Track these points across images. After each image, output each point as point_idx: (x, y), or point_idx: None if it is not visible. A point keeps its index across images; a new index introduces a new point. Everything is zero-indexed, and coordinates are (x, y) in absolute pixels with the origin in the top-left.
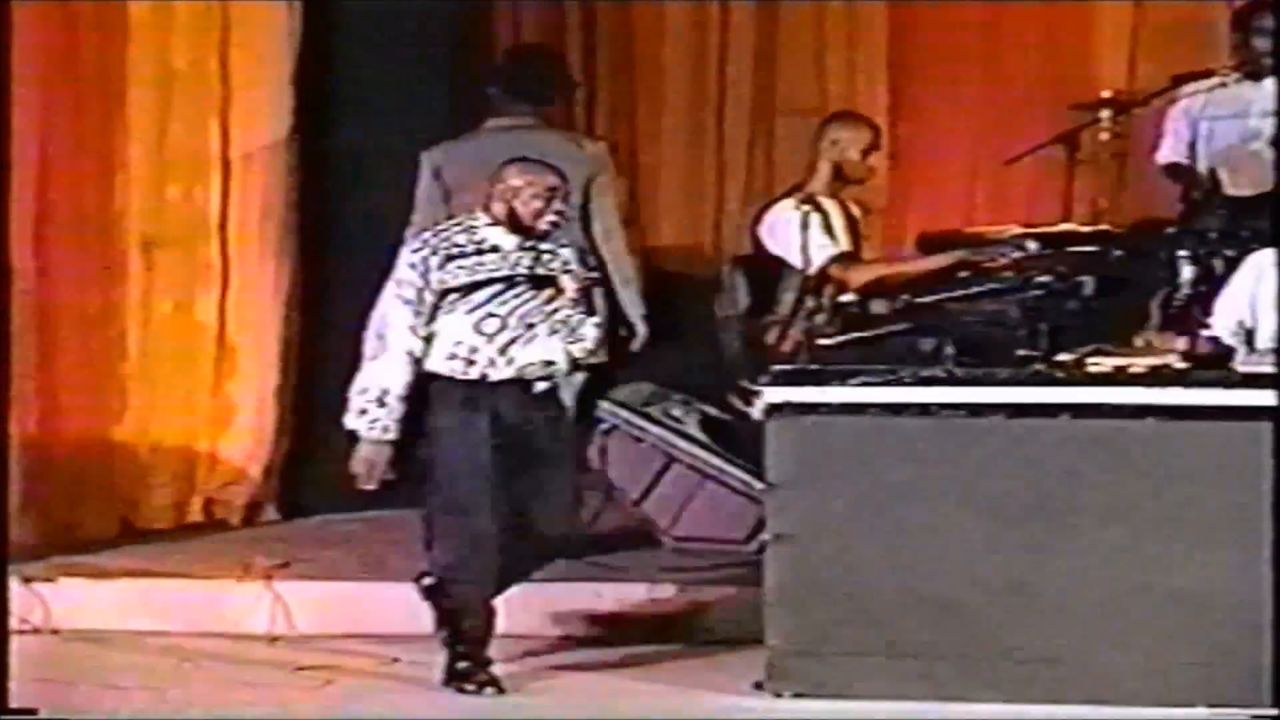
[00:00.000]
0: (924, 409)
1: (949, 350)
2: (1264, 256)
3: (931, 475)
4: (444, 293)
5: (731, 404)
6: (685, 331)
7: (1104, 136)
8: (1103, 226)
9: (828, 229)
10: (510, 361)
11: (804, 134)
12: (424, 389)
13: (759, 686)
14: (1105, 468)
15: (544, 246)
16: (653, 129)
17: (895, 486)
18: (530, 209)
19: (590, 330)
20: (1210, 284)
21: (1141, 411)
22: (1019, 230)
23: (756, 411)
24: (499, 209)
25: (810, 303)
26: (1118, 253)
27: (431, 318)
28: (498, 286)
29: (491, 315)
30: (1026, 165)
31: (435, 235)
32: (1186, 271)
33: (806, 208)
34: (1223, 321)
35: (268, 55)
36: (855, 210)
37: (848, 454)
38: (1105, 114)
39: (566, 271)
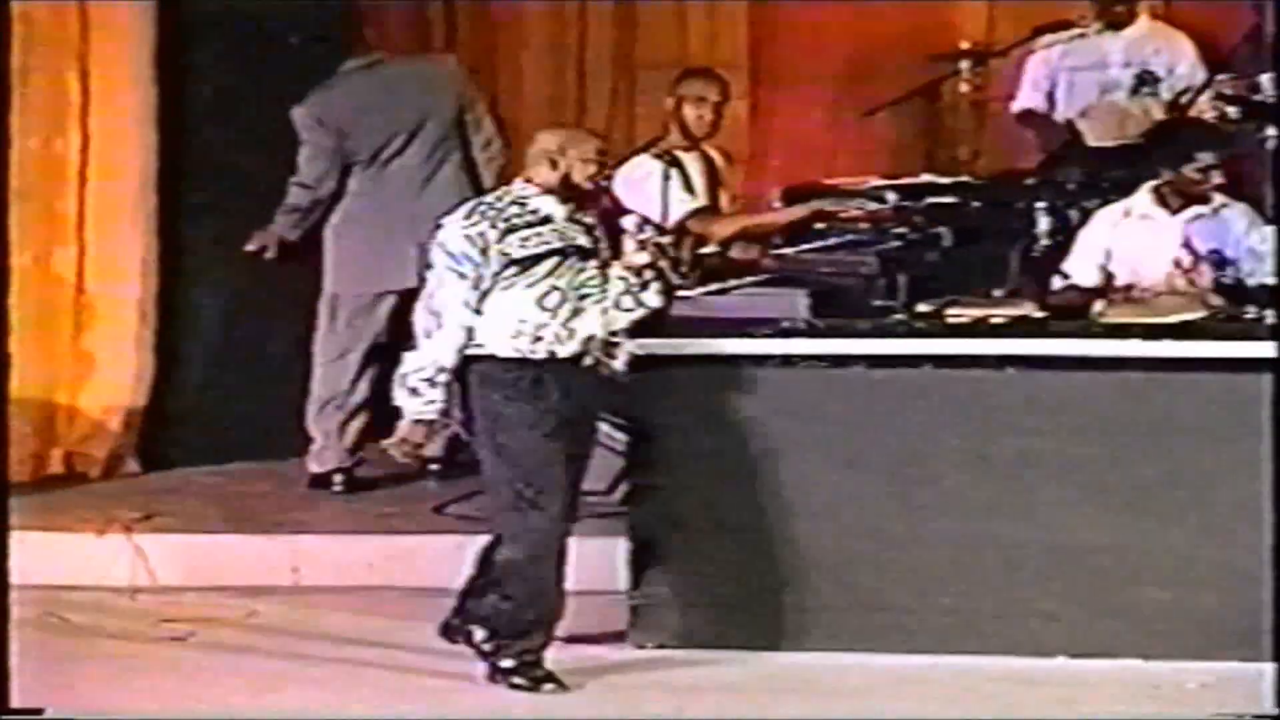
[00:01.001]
0: (785, 360)
1: (807, 301)
2: (1121, 206)
3: (794, 426)
4: (503, 267)
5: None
6: None
7: (963, 88)
8: (962, 178)
9: (686, 183)
10: (572, 335)
11: (666, 88)
12: (473, 370)
13: (621, 637)
14: (966, 418)
15: (587, 218)
16: (513, 84)
17: (757, 437)
18: (585, 174)
19: (653, 297)
20: (1068, 234)
21: (1001, 361)
22: (878, 182)
23: (618, 363)
24: (548, 176)
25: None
26: (976, 204)
27: (486, 294)
28: (555, 259)
29: (554, 289)
30: (886, 117)
31: (490, 207)
32: (1044, 222)
33: (664, 163)
34: (1080, 270)
35: (129, 6)
36: (717, 159)
37: (709, 405)
38: (964, 65)
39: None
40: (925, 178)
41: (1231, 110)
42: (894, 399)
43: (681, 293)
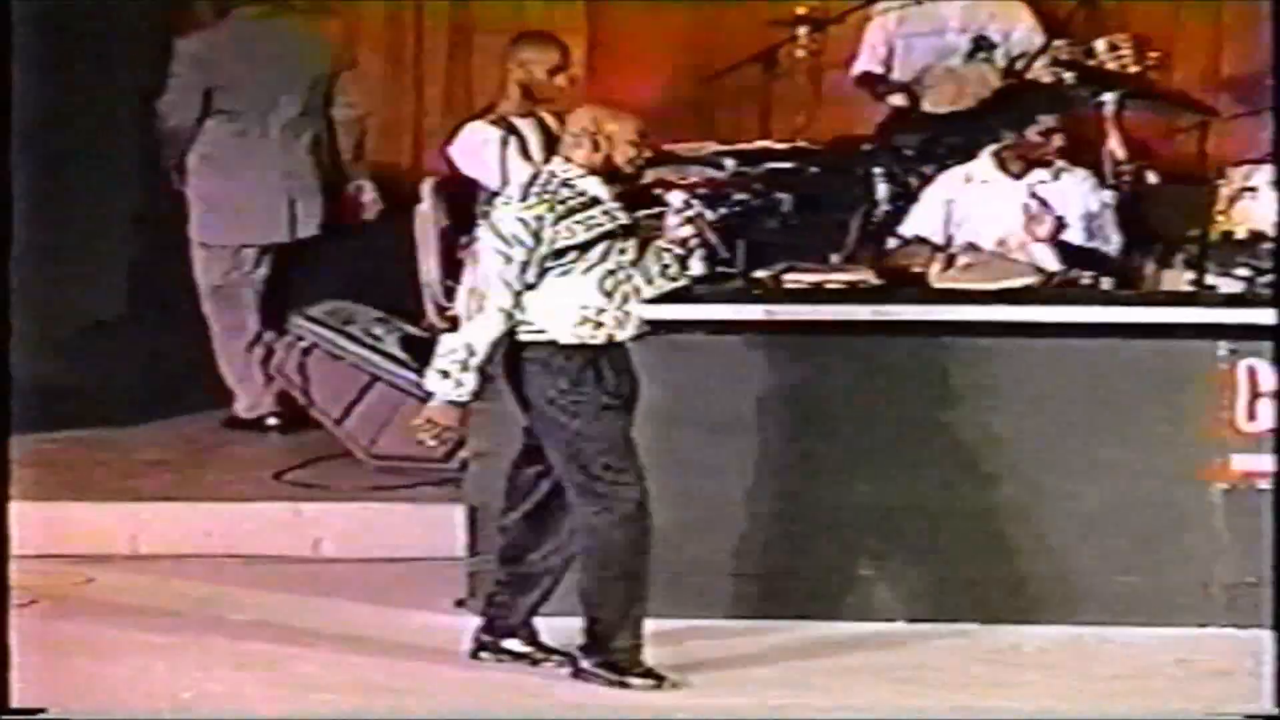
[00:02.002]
0: None
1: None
2: (962, 171)
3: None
4: (559, 252)
5: (431, 323)
6: (386, 252)
7: (800, 54)
8: (800, 144)
9: (524, 151)
10: (628, 317)
11: (503, 53)
12: (533, 359)
13: (460, 604)
14: (800, 382)
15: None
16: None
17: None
18: (626, 156)
19: (697, 265)
20: (907, 200)
21: (839, 327)
22: (716, 148)
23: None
24: (591, 157)
25: None
26: (814, 170)
27: (539, 279)
28: (607, 242)
29: (609, 272)
30: (724, 83)
31: (544, 189)
32: (883, 188)
33: (501, 129)
34: (919, 233)
35: None
36: (554, 126)
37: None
38: (802, 31)
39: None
40: (763, 144)
41: (1067, 75)
42: (730, 363)
43: None
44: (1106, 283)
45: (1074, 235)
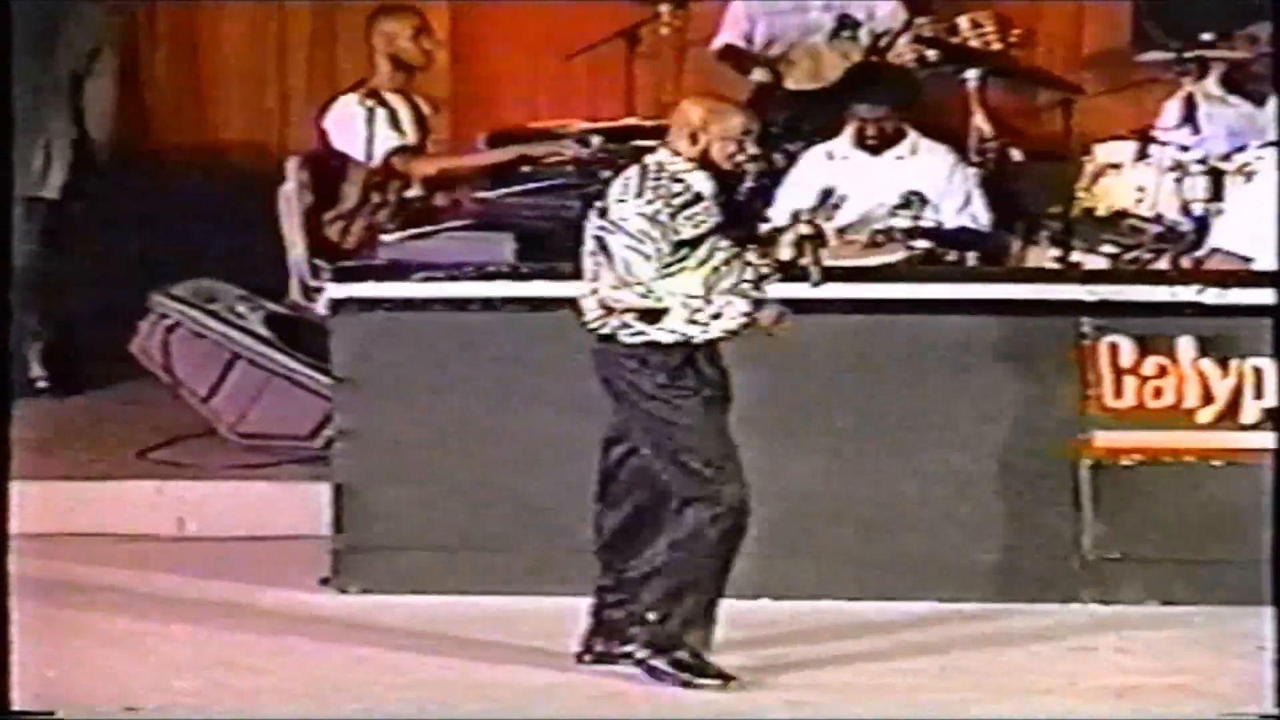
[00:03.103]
0: (488, 304)
1: (512, 245)
2: (824, 149)
3: (499, 370)
4: (675, 247)
5: (296, 300)
6: (251, 228)
7: (664, 30)
8: (664, 121)
9: (393, 123)
10: (726, 314)
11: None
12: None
13: (325, 582)
14: None
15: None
16: (213, 27)
17: (462, 381)
18: (724, 154)
19: (771, 290)
20: (771, 177)
21: None
22: (582, 125)
23: (321, 307)
24: (690, 150)
25: (375, 198)
26: None
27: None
28: (711, 239)
29: (714, 270)
30: (589, 60)
31: (657, 183)
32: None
33: (371, 102)
34: (787, 213)
35: None
36: (424, 106)
37: (414, 349)
38: (665, 8)
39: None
40: (628, 121)
41: (930, 53)
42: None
43: (385, 237)
44: (972, 259)
45: (945, 215)
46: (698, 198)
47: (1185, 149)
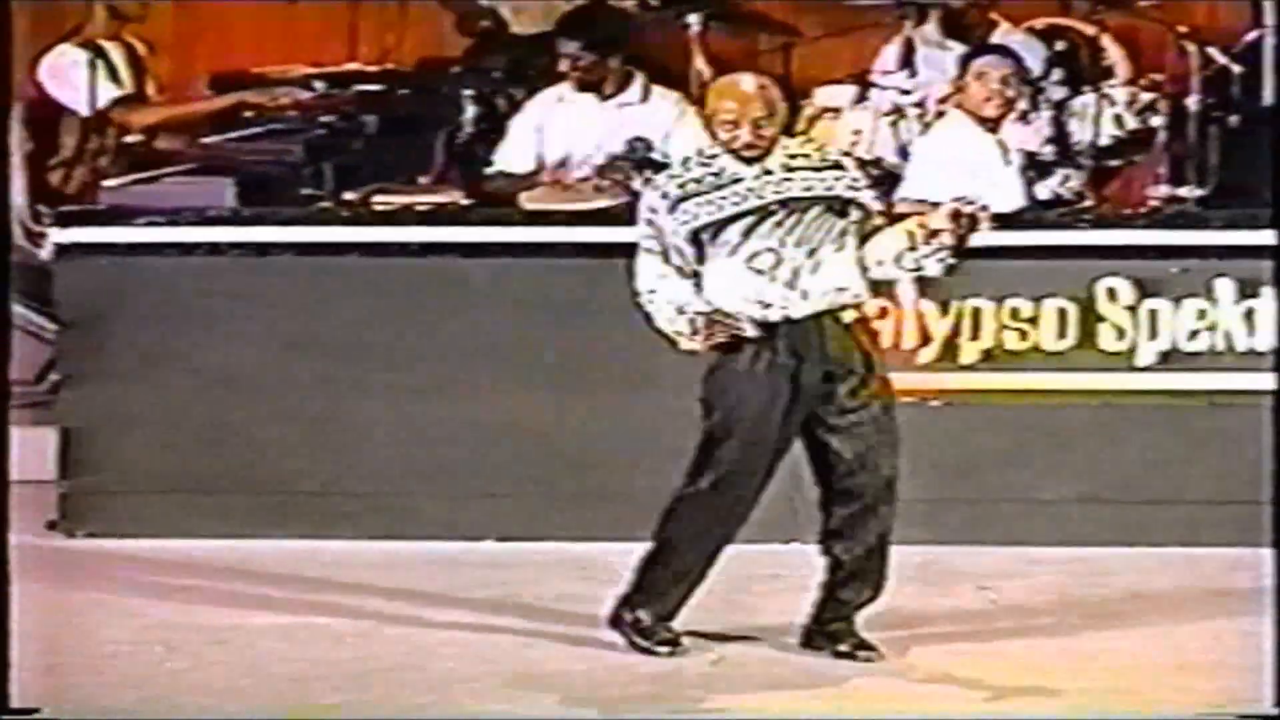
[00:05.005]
0: (214, 248)
1: (234, 190)
2: (554, 93)
3: (226, 314)
4: (693, 235)
5: (19, 246)
6: None
7: None
8: (388, 66)
9: (111, 74)
10: (805, 295)
11: None
12: None
13: (52, 526)
14: (395, 303)
15: (796, 172)
16: None
17: (189, 325)
18: (724, 136)
19: (934, 266)
20: (494, 121)
21: (427, 249)
22: (306, 70)
23: (44, 253)
24: (724, 135)
25: (94, 144)
26: (403, 92)
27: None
28: (751, 219)
29: (769, 249)
30: (313, 5)
31: (686, 165)
32: (470, 110)
33: (89, 51)
34: (514, 157)
35: None
36: (140, 48)
37: (140, 294)
38: None
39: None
40: (351, 66)
41: None
42: (324, 286)
43: (106, 182)
44: None
45: (660, 157)
46: (733, 181)
47: (906, 93)
